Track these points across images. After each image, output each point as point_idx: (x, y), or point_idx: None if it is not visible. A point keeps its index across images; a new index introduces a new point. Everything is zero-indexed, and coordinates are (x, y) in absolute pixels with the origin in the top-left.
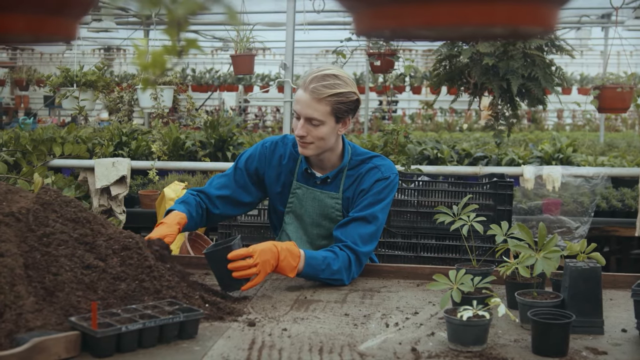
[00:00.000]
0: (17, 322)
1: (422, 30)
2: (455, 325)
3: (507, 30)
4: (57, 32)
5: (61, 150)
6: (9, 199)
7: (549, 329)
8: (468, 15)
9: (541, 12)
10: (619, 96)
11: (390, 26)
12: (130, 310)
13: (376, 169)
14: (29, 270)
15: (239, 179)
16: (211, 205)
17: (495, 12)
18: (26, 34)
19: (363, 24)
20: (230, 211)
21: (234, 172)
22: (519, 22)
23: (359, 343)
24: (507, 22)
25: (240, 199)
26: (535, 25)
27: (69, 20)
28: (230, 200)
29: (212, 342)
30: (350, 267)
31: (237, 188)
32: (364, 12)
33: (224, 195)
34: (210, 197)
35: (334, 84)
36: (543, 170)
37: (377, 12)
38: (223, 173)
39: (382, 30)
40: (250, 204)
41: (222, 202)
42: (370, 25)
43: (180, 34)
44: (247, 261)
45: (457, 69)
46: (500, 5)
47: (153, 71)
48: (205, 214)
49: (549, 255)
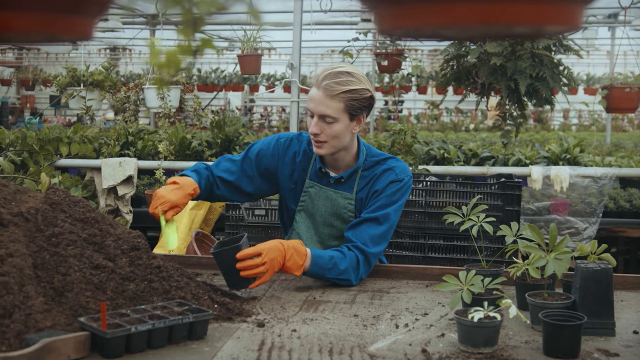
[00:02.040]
0: (26, 323)
1: (445, 30)
2: (466, 327)
3: (531, 30)
4: (73, 31)
5: (68, 150)
6: (17, 199)
7: (560, 330)
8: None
9: (567, 11)
10: (627, 96)
11: (413, 26)
12: (140, 311)
13: (390, 170)
14: (38, 270)
15: (246, 168)
16: (214, 185)
17: (520, 11)
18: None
19: (385, 23)
20: (230, 196)
21: (242, 160)
22: (545, 21)
23: (369, 344)
24: (532, 21)
25: (243, 187)
26: (561, 24)
27: (85, 19)
28: (233, 187)
29: (222, 342)
30: (359, 267)
31: (243, 176)
32: (386, 11)
33: (228, 180)
34: (215, 177)
35: (347, 81)
36: (551, 170)
37: (400, 11)
38: (231, 156)
39: (404, 30)
40: (252, 195)
41: (224, 186)
42: (392, 24)
43: (195, 34)
44: (255, 260)
45: (464, 68)
46: (525, 4)
47: (167, 71)
48: (210, 190)
49: (560, 256)
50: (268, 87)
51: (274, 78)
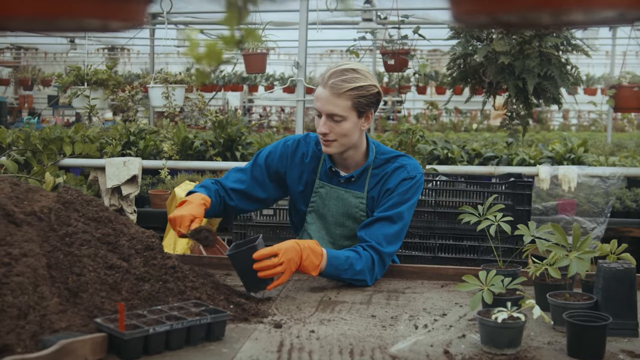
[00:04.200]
0: (41, 324)
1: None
2: (489, 327)
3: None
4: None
5: (71, 150)
6: (29, 198)
7: (585, 331)
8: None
9: None
10: (635, 95)
11: (491, 10)
12: (156, 312)
13: (402, 168)
14: (52, 270)
15: (256, 175)
16: (227, 197)
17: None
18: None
19: (461, 7)
20: (245, 205)
21: (252, 167)
22: None
23: (390, 345)
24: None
25: (255, 194)
26: None
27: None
28: (245, 195)
29: (240, 344)
30: (374, 267)
31: (253, 183)
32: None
33: (239, 189)
34: (226, 189)
35: (354, 78)
36: (559, 170)
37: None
38: (240, 167)
39: (481, 15)
40: (266, 201)
41: (236, 196)
42: (468, 8)
43: (240, 23)
44: (272, 260)
45: (471, 67)
46: None
47: (208, 62)
48: (223, 203)
49: (583, 255)
50: (267, 87)
51: (273, 78)
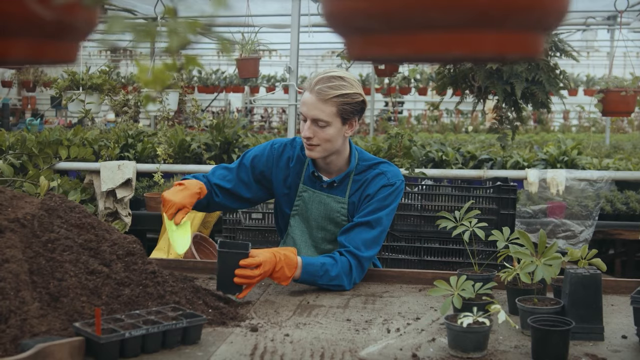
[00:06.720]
0: (22, 328)
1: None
2: (455, 332)
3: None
4: (58, 55)
5: (67, 153)
6: (14, 205)
7: (548, 335)
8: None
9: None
10: (623, 100)
11: (381, 53)
12: (134, 316)
13: (382, 175)
14: (34, 275)
15: (242, 175)
16: (213, 193)
17: (482, 41)
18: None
19: (355, 50)
20: (229, 203)
21: (237, 167)
22: (506, 51)
23: (360, 349)
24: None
25: (240, 193)
26: (522, 53)
27: (69, 44)
28: (230, 194)
29: (215, 347)
30: (351, 272)
31: (239, 183)
32: (356, 39)
33: (225, 188)
34: (212, 185)
35: (340, 85)
36: (547, 173)
37: (368, 39)
38: (226, 165)
39: (372, 56)
40: (250, 200)
41: (222, 193)
42: (361, 51)
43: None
44: (254, 271)
45: (461, 72)
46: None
47: (154, 87)
48: (208, 197)
49: (550, 261)
50: (269, 88)
51: (274, 79)
